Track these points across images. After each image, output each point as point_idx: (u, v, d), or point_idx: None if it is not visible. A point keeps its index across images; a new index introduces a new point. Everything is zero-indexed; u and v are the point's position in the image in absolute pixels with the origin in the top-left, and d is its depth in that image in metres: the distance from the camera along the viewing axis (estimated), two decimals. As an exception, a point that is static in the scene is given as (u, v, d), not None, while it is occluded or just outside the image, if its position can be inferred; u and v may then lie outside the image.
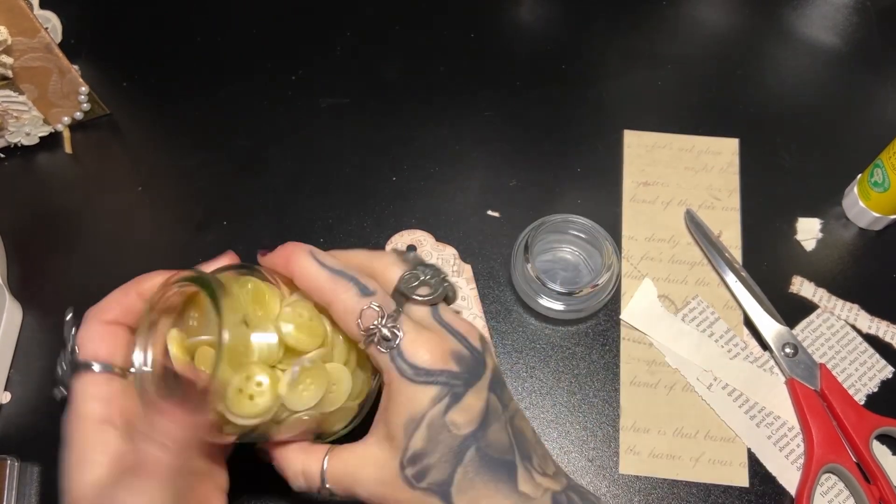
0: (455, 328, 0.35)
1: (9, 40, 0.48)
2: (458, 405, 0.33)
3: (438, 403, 0.33)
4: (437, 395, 0.33)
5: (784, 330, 0.50)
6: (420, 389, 0.33)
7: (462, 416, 0.33)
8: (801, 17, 0.63)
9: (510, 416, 0.35)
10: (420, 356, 0.33)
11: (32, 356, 0.50)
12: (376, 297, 0.34)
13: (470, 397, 0.33)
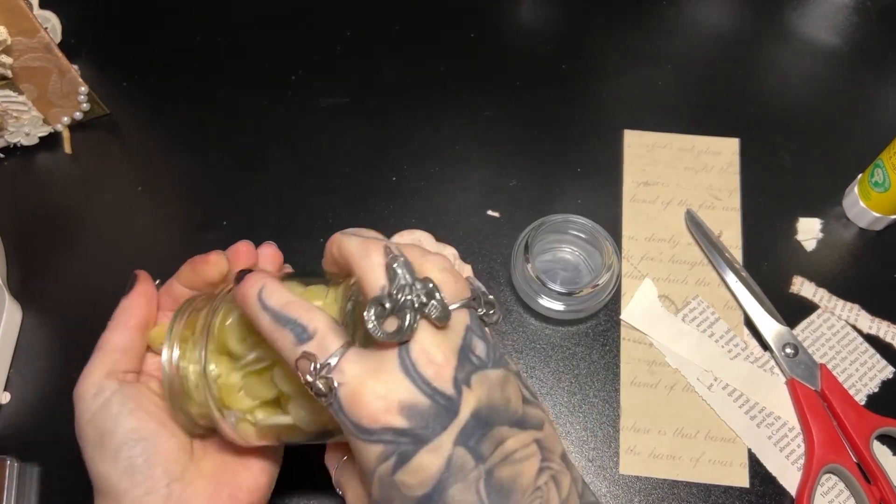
0: (419, 370, 0.29)
1: (8, 40, 0.48)
2: (406, 466, 0.29)
3: (384, 462, 0.29)
4: (381, 454, 0.29)
5: (784, 330, 0.50)
6: (364, 446, 0.29)
7: (412, 478, 0.29)
8: (802, 17, 0.62)
9: (491, 468, 0.29)
10: (359, 412, 0.29)
11: (32, 356, 0.50)
12: (312, 342, 0.30)
13: (423, 456, 0.29)
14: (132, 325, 0.38)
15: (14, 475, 0.45)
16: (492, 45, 0.61)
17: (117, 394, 0.36)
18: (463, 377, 0.30)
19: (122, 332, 0.38)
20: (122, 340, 0.38)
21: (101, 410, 0.36)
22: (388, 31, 0.62)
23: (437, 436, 0.29)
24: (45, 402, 0.49)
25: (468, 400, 0.29)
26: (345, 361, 0.29)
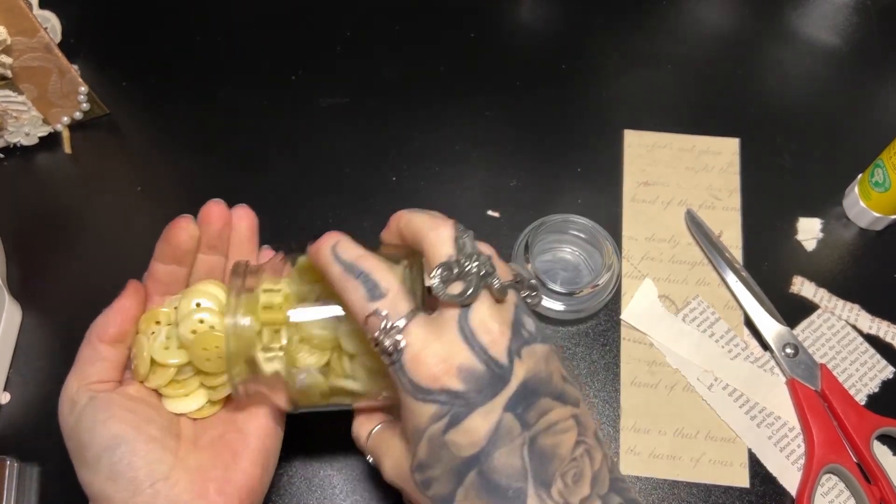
0: (477, 336, 0.31)
1: (8, 40, 0.48)
2: (458, 427, 0.31)
3: (437, 422, 0.31)
4: (436, 414, 0.31)
5: (785, 330, 0.50)
6: (419, 406, 0.31)
7: (463, 438, 0.31)
8: (802, 17, 0.62)
9: (534, 435, 0.31)
10: (419, 373, 0.31)
11: (32, 356, 0.50)
12: (385, 300, 0.32)
13: (475, 418, 0.31)
14: (103, 339, 0.38)
15: (14, 475, 0.45)
16: (492, 45, 0.61)
17: (89, 406, 0.36)
18: (515, 348, 0.32)
19: (89, 346, 0.38)
20: (90, 353, 0.38)
21: (76, 424, 0.36)
22: (388, 31, 0.62)
23: (488, 400, 0.31)
24: (45, 403, 0.49)
25: (518, 370, 0.32)
26: (413, 325, 0.31)
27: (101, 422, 0.36)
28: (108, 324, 0.38)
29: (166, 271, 0.40)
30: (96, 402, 0.37)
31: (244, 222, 0.42)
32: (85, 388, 0.37)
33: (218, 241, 0.41)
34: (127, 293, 0.39)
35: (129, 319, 0.39)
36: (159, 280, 0.40)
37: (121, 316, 0.39)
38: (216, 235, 0.41)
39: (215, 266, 0.42)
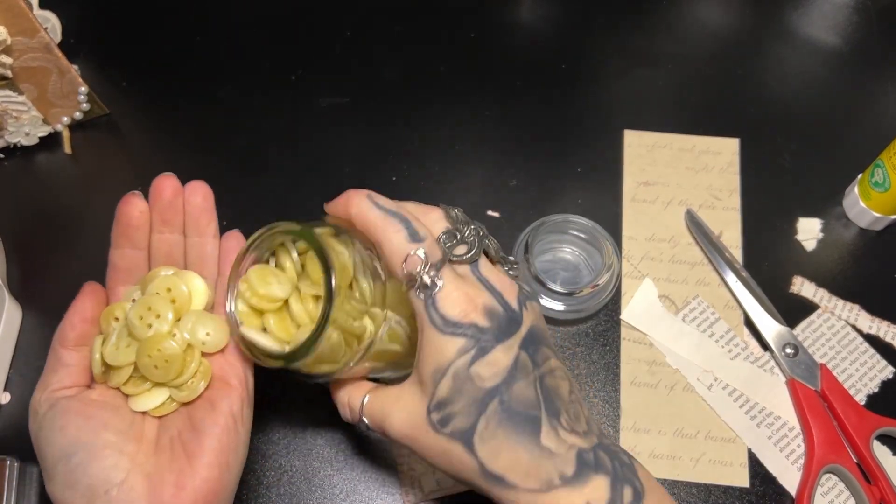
0: (492, 284, 0.35)
1: (8, 40, 0.48)
2: (483, 359, 0.33)
3: (464, 355, 0.33)
4: (463, 347, 0.33)
5: (784, 330, 0.50)
6: (447, 340, 0.33)
7: (487, 370, 0.33)
8: (802, 17, 0.62)
9: (542, 374, 0.35)
10: (451, 308, 0.34)
11: (32, 356, 0.50)
12: (425, 243, 0.34)
13: (497, 352, 0.34)
14: (64, 345, 0.38)
15: (14, 475, 0.46)
16: (492, 45, 0.61)
17: (48, 415, 0.36)
18: (523, 299, 0.36)
19: (52, 353, 0.38)
20: (53, 361, 0.38)
21: (37, 433, 0.37)
22: (388, 31, 0.62)
23: (507, 338, 0.34)
24: (45, 403, 0.49)
25: (526, 317, 0.35)
26: (446, 268, 0.34)
27: (57, 429, 0.36)
28: (67, 328, 0.38)
29: (124, 258, 0.40)
30: (55, 411, 0.36)
31: (199, 195, 0.41)
32: (47, 397, 0.37)
33: (170, 212, 0.40)
34: (82, 294, 0.39)
35: (88, 320, 0.39)
36: (119, 269, 0.40)
37: (79, 317, 0.38)
38: (168, 207, 0.40)
39: (174, 245, 0.41)
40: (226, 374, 0.39)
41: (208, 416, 0.37)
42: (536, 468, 0.33)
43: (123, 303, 0.39)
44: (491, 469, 0.33)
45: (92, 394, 0.38)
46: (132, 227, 0.40)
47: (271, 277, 0.37)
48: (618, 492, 0.34)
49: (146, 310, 0.38)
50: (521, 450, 0.33)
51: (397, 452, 0.48)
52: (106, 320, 0.39)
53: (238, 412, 0.38)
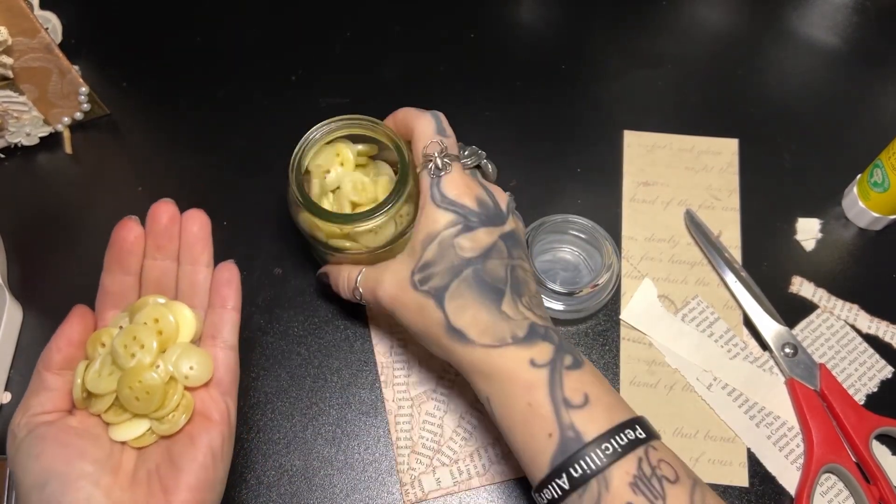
0: (489, 187, 0.42)
1: (9, 41, 0.49)
2: (467, 234, 0.40)
3: (452, 227, 0.40)
4: (453, 220, 0.40)
5: (784, 330, 0.50)
6: (441, 213, 0.40)
7: (468, 243, 0.39)
8: (801, 17, 0.63)
9: (513, 264, 0.40)
10: (451, 189, 0.40)
11: (33, 356, 0.50)
12: (448, 139, 0.42)
13: (480, 232, 0.40)
14: (49, 368, 0.38)
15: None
16: (492, 45, 0.61)
17: (25, 440, 0.36)
18: (511, 208, 0.43)
19: (36, 376, 0.38)
20: (36, 384, 0.38)
21: (14, 457, 0.36)
22: (388, 31, 0.62)
23: (491, 226, 0.41)
24: (46, 402, 0.49)
25: (510, 221, 0.42)
26: (456, 162, 0.42)
27: (33, 456, 0.35)
28: (53, 351, 0.38)
29: (115, 282, 0.40)
30: (32, 436, 0.36)
31: (196, 223, 0.41)
32: (26, 421, 0.36)
33: (165, 239, 0.40)
34: (71, 318, 0.39)
35: (74, 345, 0.38)
36: (110, 293, 0.40)
37: (65, 341, 0.38)
38: (163, 233, 0.40)
39: (166, 272, 0.40)
40: (207, 409, 0.38)
41: (187, 451, 0.36)
42: (493, 327, 0.38)
43: (111, 328, 0.39)
44: (454, 323, 0.39)
45: (72, 420, 0.37)
46: (125, 252, 0.39)
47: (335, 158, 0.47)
48: (559, 356, 0.38)
49: (131, 339, 0.37)
50: (483, 311, 0.39)
51: (397, 452, 0.48)
52: (92, 345, 0.38)
53: (218, 448, 0.37)
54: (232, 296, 0.40)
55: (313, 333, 0.51)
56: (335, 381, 0.50)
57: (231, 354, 0.39)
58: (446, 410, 0.49)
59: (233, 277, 0.40)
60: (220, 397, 0.38)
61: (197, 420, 0.38)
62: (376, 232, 0.45)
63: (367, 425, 0.49)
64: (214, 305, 0.40)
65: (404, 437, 0.48)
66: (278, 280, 0.53)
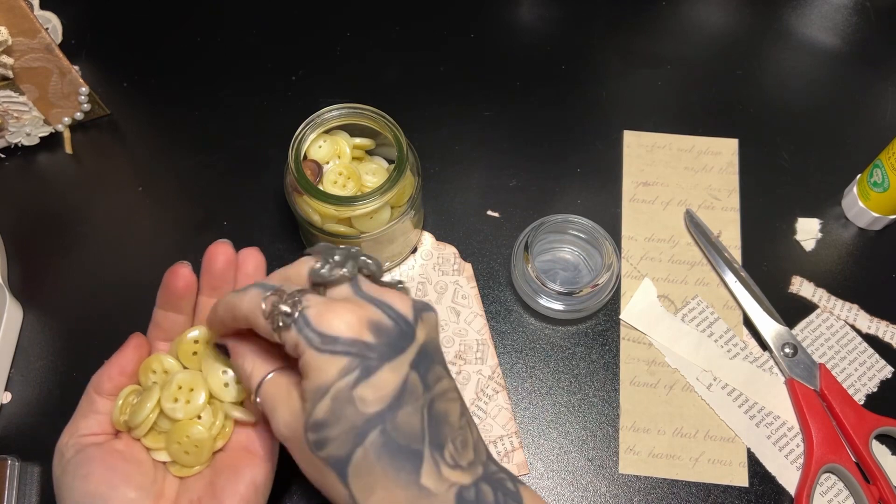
0: (380, 298, 0.32)
1: (9, 41, 0.49)
2: (368, 380, 0.30)
3: (347, 376, 0.30)
4: (346, 366, 0.30)
5: (783, 330, 0.50)
6: (328, 360, 0.31)
7: (371, 393, 0.30)
8: (801, 18, 0.63)
9: (432, 398, 0.32)
10: (328, 324, 0.31)
11: (33, 356, 0.50)
12: (280, 281, 0.34)
13: (385, 373, 0.31)
14: (99, 392, 0.38)
15: (15, 475, 0.46)
16: (492, 45, 0.61)
17: (72, 460, 0.36)
18: (418, 310, 0.33)
19: (85, 398, 0.38)
20: (86, 406, 0.38)
21: (61, 477, 0.36)
22: (388, 31, 0.62)
23: (397, 356, 0.31)
24: (46, 402, 0.49)
25: (420, 331, 0.32)
26: (310, 294, 0.32)
27: (80, 477, 0.36)
28: (104, 378, 0.38)
29: (167, 319, 0.40)
30: (80, 457, 0.36)
31: (251, 262, 0.40)
32: (75, 441, 0.37)
33: (221, 282, 0.40)
34: (127, 347, 0.39)
35: (127, 374, 0.39)
36: (160, 327, 0.40)
37: (117, 370, 0.38)
38: (219, 276, 0.40)
39: None
40: (253, 444, 0.38)
41: (230, 485, 0.36)
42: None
43: (161, 356, 0.39)
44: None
45: (118, 444, 0.38)
46: (177, 297, 0.39)
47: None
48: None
49: (177, 389, 0.38)
50: (399, 490, 0.31)
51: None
52: (144, 373, 0.39)
53: (261, 484, 0.37)
54: None
55: (313, 333, 0.51)
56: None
57: None
58: (446, 410, 0.49)
59: None
60: (266, 433, 0.38)
61: (242, 454, 0.38)
62: (372, 216, 0.46)
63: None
64: None
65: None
66: (278, 280, 0.53)
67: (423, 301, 0.34)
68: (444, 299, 0.52)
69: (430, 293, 0.52)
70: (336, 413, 0.30)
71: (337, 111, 0.47)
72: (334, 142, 0.49)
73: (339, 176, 0.47)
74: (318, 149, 0.48)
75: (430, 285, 0.52)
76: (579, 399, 0.49)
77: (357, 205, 0.44)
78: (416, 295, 0.52)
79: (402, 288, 0.35)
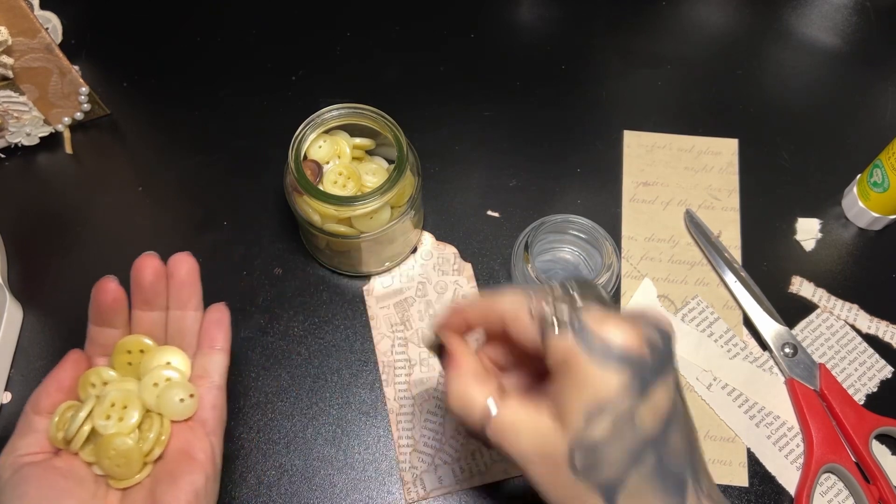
0: (642, 313, 0.31)
1: (9, 41, 0.49)
2: (647, 400, 0.29)
3: (629, 393, 0.29)
4: (629, 383, 0.29)
5: (783, 330, 0.50)
6: (610, 373, 0.29)
7: (650, 415, 0.29)
8: (801, 18, 0.63)
9: (689, 426, 0.31)
10: (613, 335, 0.29)
11: (33, 356, 0.50)
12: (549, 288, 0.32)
13: (659, 393, 0.30)
14: (36, 410, 0.38)
15: (15, 475, 0.46)
16: (492, 45, 0.61)
17: (10, 481, 0.36)
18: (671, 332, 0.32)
19: (23, 417, 0.38)
20: (23, 425, 0.37)
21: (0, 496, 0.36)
22: (388, 31, 0.62)
23: (667, 376, 0.30)
24: (46, 402, 0.49)
25: (675, 352, 0.32)
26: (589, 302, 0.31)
27: (17, 497, 0.35)
28: (42, 395, 0.38)
29: (102, 335, 0.39)
30: (16, 477, 0.35)
31: (183, 268, 0.39)
32: (12, 461, 0.36)
33: (152, 294, 0.39)
34: (65, 363, 0.38)
35: (64, 390, 0.38)
36: (97, 343, 0.40)
37: (55, 386, 0.38)
38: (149, 289, 0.39)
39: (155, 322, 0.40)
40: (192, 448, 0.37)
41: (170, 491, 0.36)
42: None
43: (100, 369, 0.39)
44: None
45: (57, 461, 0.37)
46: (107, 312, 0.39)
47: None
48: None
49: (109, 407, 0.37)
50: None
51: (398, 451, 0.48)
52: (83, 387, 0.38)
53: (201, 488, 0.36)
54: (220, 337, 0.39)
55: (313, 333, 0.51)
56: (335, 381, 0.50)
57: (217, 393, 0.39)
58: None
59: (223, 318, 0.40)
60: (204, 436, 0.38)
61: (180, 459, 0.37)
62: (372, 216, 0.46)
63: (367, 425, 0.49)
64: (203, 347, 0.39)
65: (406, 436, 0.48)
66: (278, 280, 0.53)
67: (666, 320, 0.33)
68: (445, 299, 0.52)
69: (430, 293, 0.52)
70: (617, 434, 0.29)
71: (337, 111, 0.47)
72: (334, 142, 0.49)
73: (339, 176, 0.48)
74: (318, 149, 0.48)
75: (430, 285, 0.52)
76: (579, 399, 0.49)
77: (357, 205, 0.44)
78: (417, 295, 0.52)
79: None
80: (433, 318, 0.36)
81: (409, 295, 0.52)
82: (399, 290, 0.52)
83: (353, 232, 0.47)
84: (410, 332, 0.51)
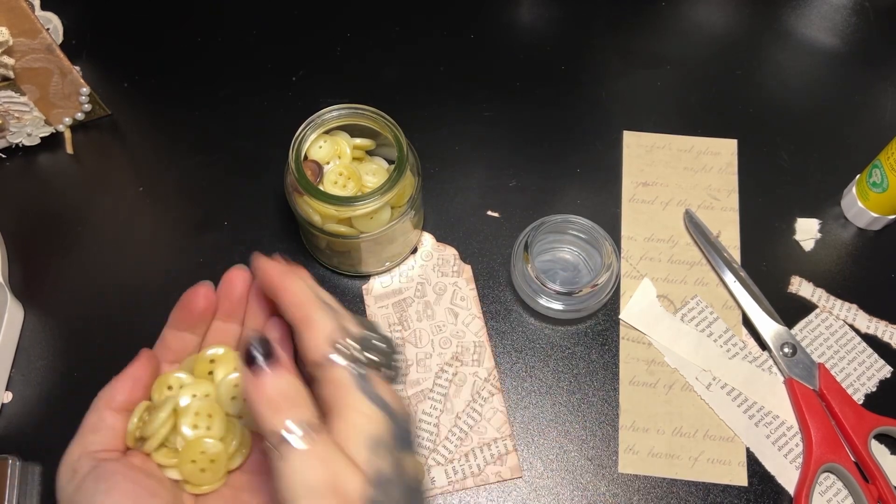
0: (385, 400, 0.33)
1: (10, 41, 0.49)
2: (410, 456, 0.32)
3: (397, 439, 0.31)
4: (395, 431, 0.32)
5: (783, 330, 0.50)
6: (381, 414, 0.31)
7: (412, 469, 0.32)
8: (801, 18, 0.63)
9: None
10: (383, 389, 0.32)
11: (33, 356, 0.51)
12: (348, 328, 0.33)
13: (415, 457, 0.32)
14: (111, 406, 0.37)
15: (16, 474, 0.46)
16: (491, 45, 0.61)
17: (90, 475, 0.35)
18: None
19: (95, 412, 0.37)
20: (95, 420, 0.37)
21: (75, 493, 0.35)
22: (388, 31, 0.62)
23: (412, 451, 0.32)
24: (47, 402, 0.49)
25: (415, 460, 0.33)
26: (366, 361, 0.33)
27: (102, 492, 0.34)
28: (117, 392, 0.37)
29: (178, 339, 0.39)
30: (98, 472, 0.35)
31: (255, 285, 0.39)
32: (87, 457, 0.35)
33: (239, 308, 0.39)
34: (139, 361, 0.38)
35: (140, 388, 0.37)
36: (170, 348, 0.39)
37: (130, 384, 0.37)
38: (237, 302, 0.39)
39: (230, 335, 0.39)
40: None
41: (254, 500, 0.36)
42: None
43: (178, 374, 0.38)
44: None
45: (134, 459, 0.36)
46: (195, 317, 0.38)
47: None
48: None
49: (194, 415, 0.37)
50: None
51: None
52: (159, 389, 0.38)
53: None
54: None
55: (313, 333, 0.51)
56: (335, 380, 0.50)
57: None
58: (442, 410, 0.49)
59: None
60: None
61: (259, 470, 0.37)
62: (372, 217, 0.46)
63: (367, 425, 0.49)
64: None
65: (404, 437, 0.48)
66: (278, 280, 0.53)
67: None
68: (443, 300, 0.52)
69: (429, 294, 0.52)
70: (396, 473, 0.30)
71: (337, 111, 0.47)
72: (334, 142, 0.49)
73: (340, 176, 0.48)
74: (318, 149, 0.49)
75: (429, 286, 0.52)
76: (579, 399, 0.49)
77: (357, 205, 0.44)
78: (416, 295, 0.52)
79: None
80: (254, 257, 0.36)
81: (408, 295, 0.52)
82: (398, 290, 0.52)
83: (353, 232, 0.47)
84: (408, 333, 0.51)
